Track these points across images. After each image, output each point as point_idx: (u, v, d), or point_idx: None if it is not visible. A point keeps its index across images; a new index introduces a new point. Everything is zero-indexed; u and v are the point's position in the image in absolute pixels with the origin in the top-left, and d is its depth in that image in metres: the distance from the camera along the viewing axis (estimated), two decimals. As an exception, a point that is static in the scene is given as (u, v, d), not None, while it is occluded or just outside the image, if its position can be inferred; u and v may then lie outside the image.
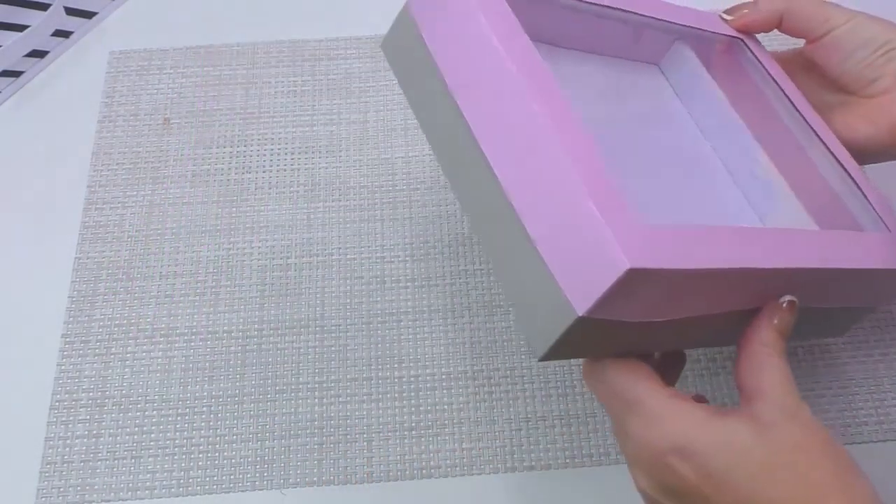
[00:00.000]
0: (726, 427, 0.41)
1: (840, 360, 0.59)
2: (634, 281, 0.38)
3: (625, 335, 0.43)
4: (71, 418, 0.60)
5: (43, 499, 0.57)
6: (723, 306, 0.44)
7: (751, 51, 0.58)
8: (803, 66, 0.59)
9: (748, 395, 0.43)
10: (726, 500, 0.40)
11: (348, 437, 0.59)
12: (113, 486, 0.57)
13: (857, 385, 0.59)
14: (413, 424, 0.59)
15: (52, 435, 0.59)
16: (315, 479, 0.57)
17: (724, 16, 0.59)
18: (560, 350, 0.42)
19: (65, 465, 0.58)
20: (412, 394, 0.60)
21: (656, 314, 0.42)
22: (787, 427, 0.41)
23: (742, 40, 0.58)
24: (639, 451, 0.42)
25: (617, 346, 0.44)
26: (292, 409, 0.60)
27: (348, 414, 0.59)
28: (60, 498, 0.57)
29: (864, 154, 0.56)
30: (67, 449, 0.59)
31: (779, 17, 0.58)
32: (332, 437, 0.59)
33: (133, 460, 0.58)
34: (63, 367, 0.62)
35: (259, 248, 0.66)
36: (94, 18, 0.77)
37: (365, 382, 0.60)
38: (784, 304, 0.45)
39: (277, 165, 0.70)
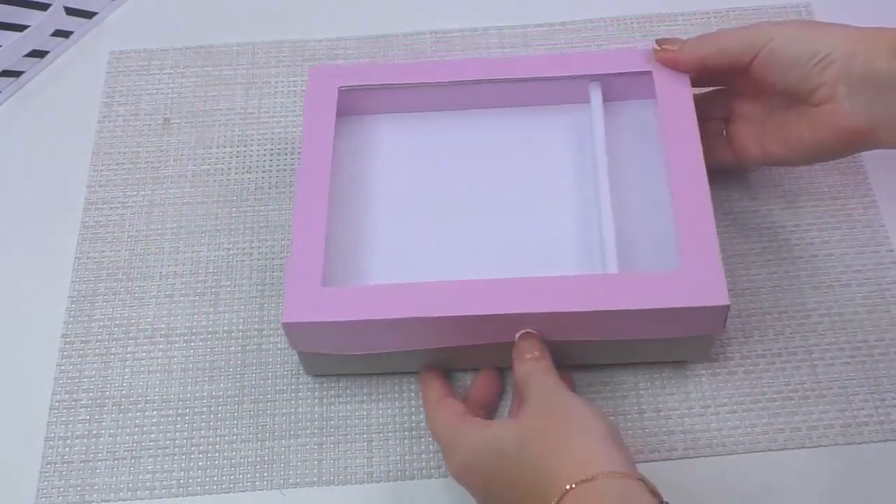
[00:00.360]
0: (484, 434, 0.50)
1: (840, 360, 0.59)
2: (296, 328, 0.54)
3: (367, 360, 0.58)
4: (71, 418, 0.60)
5: (43, 499, 0.57)
6: (444, 342, 0.56)
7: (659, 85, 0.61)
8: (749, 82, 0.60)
9: (519, 402, 0.53)
10: (503, 490, 0.49)
11: (348, 437, 0.59)
12: (113, 486, 0.57)
13: (858, 385, 0.59)
14: (413, 424, 0.59)
15: (52, 435, 0.59)
16: (315, 479, 0.57)
17: (655, 45, 0.61)
18: (320, 369, 0.60)
19: (65, 465, 0.58)
20: (412, 394, 0.60)
21: (353, 349, 0.56)
22: (537, 418, 0.50)
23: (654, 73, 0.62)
24: (451, 475, 0.53)
25: (372, 366, 0.59)
26: (292, 409, 0.60)
27: (348, 414, 0.59)
28: (60, 498, 0.57)
29: (816, 158, 0.60)
30: (67, 449, 0.59)
31: (701, 63, 0.60)
32: (332, 437, 0.59)
33: (133, 460, 0.58)
34: (63, 368, 0.62)
35: (259, 248, 0.66)
36: (94, 18, 0.77)
37: (365, 382, 0.60)
38: (518, 336, 0.55)
39: (277, 165, 0.70)
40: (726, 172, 0.65)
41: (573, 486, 0.44)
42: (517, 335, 0.54)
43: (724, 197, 0.66)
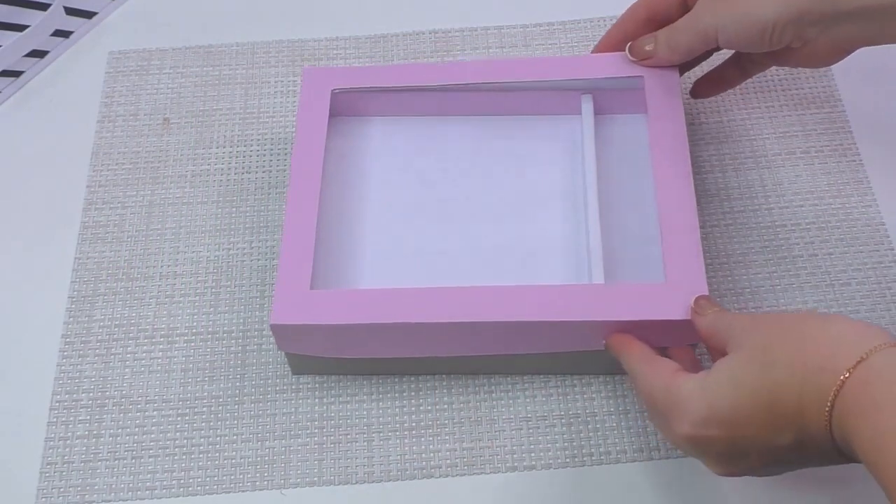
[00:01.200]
0: (715, 374, 0.46)
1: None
2: (283, 330, 0.55)
3: (353, 363, 0.58)
4: (71, 419, 0.60)
5: (43, 499, 0.57)
6: (429, 349, 0.57)
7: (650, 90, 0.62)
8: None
9: (721, 354, 0.48)
10: (756, 427, 0.44)
11: (348, 437, 0.59)
12: (113, 486, 0.57)
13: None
14: (413, 424, 0.59)
15: (53, 435, 0.59)
16: (315, 479, 0.57)
17: (628, 54, 0.62)
18: (305, 368, 0.60)
19: (65, 465, 0.58)
20: (412, 394, 0.60)
21: (340, 352, 0.57)
22: (755, 334, 0.46)
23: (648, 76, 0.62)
24: (678, 440, 0.47)
25: (358, 369, 0.59)
26: (292, 409, 0.60)
27: (348, 414, 0.59)
28: (61, 498, 0.57)
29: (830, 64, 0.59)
30: (68, 449, 0.59)
31: (677, 60, 0.61)
32: (332, 437, 0.59)
33: (133, 460, 0.58)
34: (63, 368, 0.62)
35: (259, 248, 0.66)
36: (94, 18, 0.77)
37: (365, 382, 0.60)
38: (693, 300, 0.52)
39: (277, 165, 0.70)
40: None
41: (849, 372, 0.40)
42: (693, 299, 0.52)
43: (724, 196, 0.66)
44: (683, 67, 0.64)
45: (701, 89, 0.65)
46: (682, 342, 0.55)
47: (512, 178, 0.63)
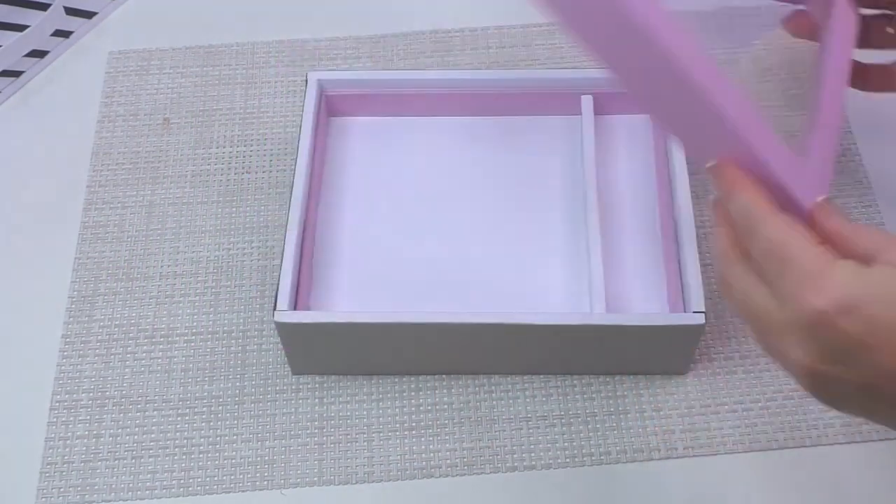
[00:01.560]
0: (878, 273, 0.40)
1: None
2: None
3: (357, 363, 0.58)
4: (71, 418, 0.60)
5: (43, 499, 0.57)
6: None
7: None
8: None
9: (873, 253, 0.41)
10: (892, 351, 0.38)
11: (348, 437, 0.59)
12: (113, 486, 0.57)
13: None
14: (413, 424, 0.59)
15: (53, 435, 0.59)
16: (315, 479, 0.57)
17: None
18: (306, 368, 0.59)
19: (65, 465, 0.58)
20: (412, 394, 0.60)
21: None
22: None
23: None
24: (797, 315, 0.40)
25: (362, 368, 0.59)
26: (292, 409, 0.60)
27: (348, 414, 0.59)
28: (61, 498, 0.57)
29: None
30: (68, 449, 0.59)
31: None
32: (332, 437, 0.59)
33: (133, 460, 0.58)
34: (63, 368, 0.62)
35: (259, 248, 0.66)
36: (94, 18, 0.77)
37: (365, 382, 0.60)
38: (819, 201, 0.45)
39: (277, 165, 0.70)
40: None
41: None
42: (823, 199, 0.45)
43: (724, 196, 0.66)
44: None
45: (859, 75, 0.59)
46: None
47: (511, 178, 0.63)
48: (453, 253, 0.61)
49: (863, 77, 0.59)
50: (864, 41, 0.58)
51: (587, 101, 0.64)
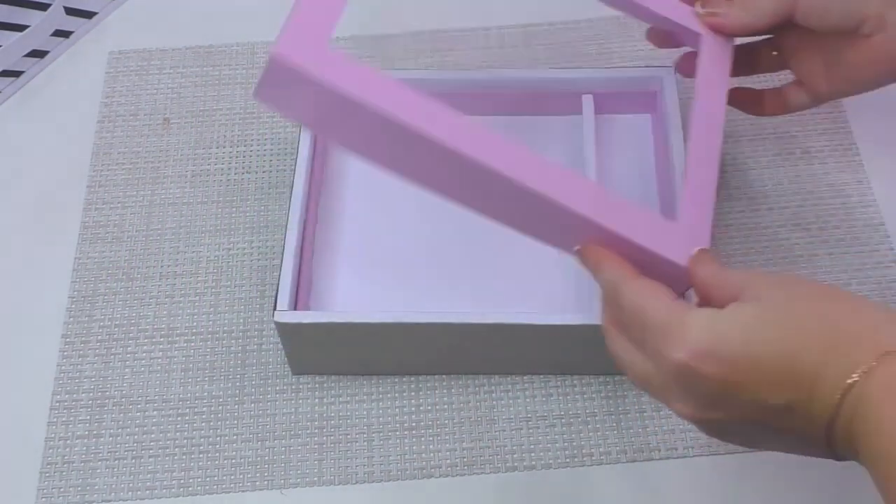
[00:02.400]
0: (729, 314, 0.42)
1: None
2: (281, 74, 0.45)
3: (357, 363, 0.57)
4: (71, 418, 0.60)
5: (43, 499, 0.57)
6: (410, 174, 0.49)
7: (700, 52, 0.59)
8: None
9: (729, 299, 0.43)
10: (757, 377, 0.40)
11: (348, 437, 0.59)
12: (113, 486, 0.57)
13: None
14: (413, 424, 0.59)
15: (53, 435, 0.59)
16: (315, 479, 0.57)
17: (698, 8, 0.58)
18: (306, 368, 0.59)
19: (65, 465, 0.58)
20: (412, 394, 0.60)
21: (323, 129, 0.48)
22: (777, 290, 0.42)
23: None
24: (665, 371, 0.43)
25: (362, 368, 0.58)
26: (292, 409, 0.60)
27: (348, 414, 0.59)
28: (61, 498, 0.57)
29: (882, 85, 0.57)
30: (68, 449, 0.59)
31: (747, 30, 0.57)
32: (332, 437, 0.59)
33: (133, 460, 0.58)
34: (63, 368, 0.62)
35: (259, 248, 0.66)
36: (94, 18, 0.77)
37: (365, 382, 0.60)
38: (693, 252, 0.48)
39: (277, 165, 0.70)
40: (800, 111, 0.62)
41: (889, 354, 0.38)
42: (697, 250, 0.48)
43: (724, 196, 0.66)
44: (741, 70, 0.60)
45: (735, 97, 0.61)
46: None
47: None
48: (453, 252, 0.61)
49: (757, 103, 0.61)
50: (752, 67, 0.61)
51: (587, 101, 0.64)
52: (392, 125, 0.45)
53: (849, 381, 0.38)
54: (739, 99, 0.61)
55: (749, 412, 0.41)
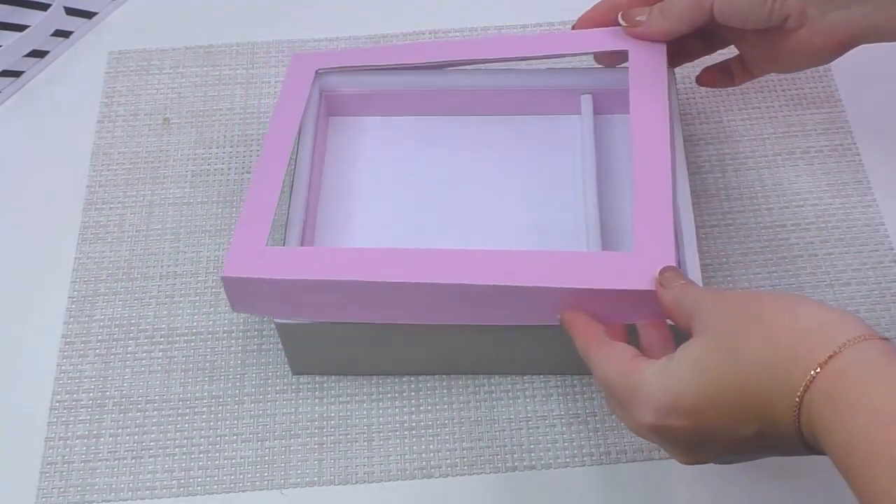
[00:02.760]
0: (678, 361, 0.43)
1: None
2: (235, 284, 0.53)
3: (357, 363, 0.59)
4: (71, 418, 0.60)
5: (43, 499, 0.57)
6: (376, 316, 0.54)
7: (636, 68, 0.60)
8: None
9: (686, 330, 0.46)
10: (720, 417, 0.42)
11: (348, 436, 0.59)
12: (113, 486, 0.57)
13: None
14: (413, 424, 0.59)
15: (53, 435, 0.59)
16: (315, 479, 0.57)
17: (620, 21, 0.60)
18: (306, 368, 0.60)
19: (65, 465, 0.58)
20: (412, 394, 0.60)
21: (286, 312, 0.54)
22: (720, 317, 0.43)
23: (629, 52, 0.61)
24: (640, 431, 0.45)
25: (362, 368, 0.59)
26: (292, 409, 0.60)
27: (348, 414, 0.59)
28: (61, 498, 0.57)
29: (816, 65, 0.58)
30: (68, 449, 0.59)
31: (670, 34, 0.59)
32: (332, 437, 0.59)
33: (134, 460, 0.58)
34: (63, 368, 0.62)
35: (259, 248, 0.66)
36: (94, 18, 0.77)
37: (365, 382, 0.60)
38: (659, 271, 0.49)
39: (277, 165, 0.70)
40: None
41: (819, 367, 0.38)
42: (658, 271, 0.49)
43: (724, 196, 0.66)
44: (679, 58, 0.62)
45: (706, 77, 0.64)
46: (648, 317, 0.51)
47: (510, 178, 0.63)
48: (445, 240, 0.60)
49: (727, 75, 0.63)
50: (707, 46, 0.63)
51: (587, 101, 0.64)
52: (345, 284, 0.52)
53: (796, 398, 0.39)
54: (710, 78, 0.64)
55: (731, 444, 0.43)
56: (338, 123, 0.65)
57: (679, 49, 0.62)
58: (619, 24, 0.60)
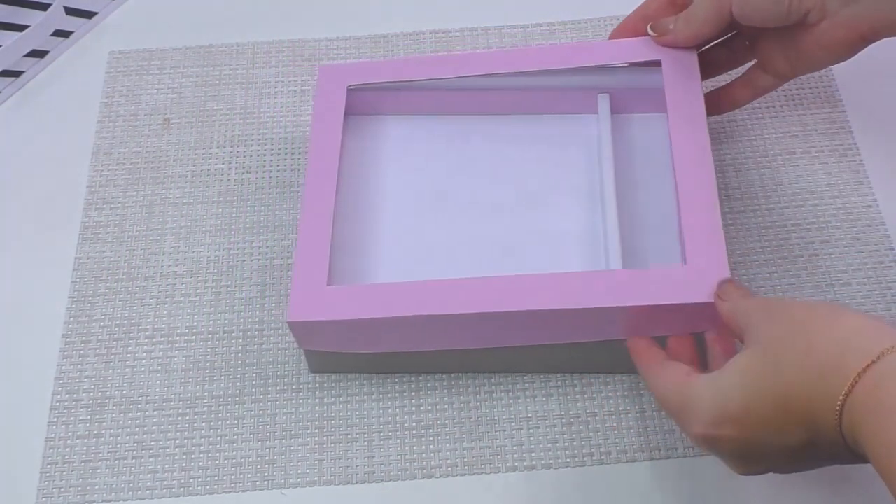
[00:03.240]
0: (727, 373, 0.45)
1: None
2: (300, 327, 0.55)
3: (373, 360, 0.58)
4: (72, 418, 0.60)
5: (44, 499, 0.57)
6: (444, 344, 0.56)
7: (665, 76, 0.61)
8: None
9: (741, 340, 0.48)
10: (767, 427, 0.43)
11: (348, 436, 0.59)
12: (114, 486, 0.57)
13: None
14: (413, 424, 0.59)
15: (53, 435, 0.59)
16: (315, 479, 0.57)
17: (649, 31, 0.61)
18: (324, 367, 0.60)
19: (65, 465, 0.58)
20: (412, 394, 0.60)
21: (359, 348, 0.57)
22: (768, 327, 0.45)
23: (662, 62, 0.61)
24: (695, 442, 0.47)
25: (377, 366, 0.60)
26: (292, 409, 0.60)
27: (348, 414, 0.59)
28: (61, 498, 0.57)
29: (839, 61, 0.58)
30: (68, 449, 0.59)
31: (697, 38, 0.60)
32: (332, 437, 0.59)
33: (134, 460, 0.58)
34: (63, 368, 0.62)
35: (259, 248, 0.66)
36: (94, 18, 0.77)
37: (365, 382, 0.60)
38: (718, 283, 0.52)
39: (277, 165, 0.70)
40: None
41: (859, 376, 0.39)
42: (717, 283, 0.51)
43: (724, 196, 0.66)
44: (706, 71, 0.63)
45: (708, 105, 0.64)
46: (707, 327, 0.53)
47: (528, 178, 0.63)
48: (467, 253, 0.60)
49: (729, 100, 0.64)
50: (717, 67, 0.64)
51: (604, 100, 0.63)
52: (413, 319, 0.54)
53: (836, 407, 0.40)
54: (709, 105, 0.63)
55: (781, 454, 0.44)
56: (355, 122, 0.65)
57: (705, 61, 0.62)
58: (649, 34, 0.61)
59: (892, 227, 0.65)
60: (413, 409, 0.59)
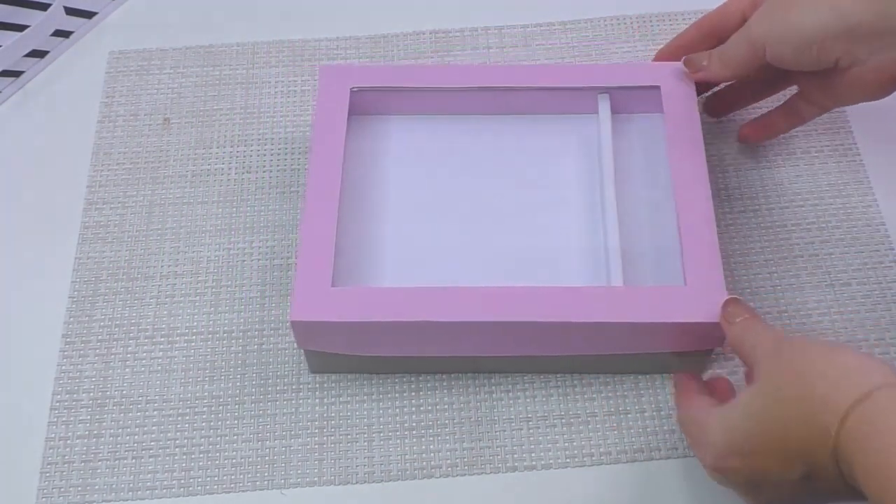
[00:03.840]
0: (737, 406, 0.47)
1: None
2: (302, 327, 0.54)
3: (372, 362, 0.58)
4: (72, 418, 0.60)
5: (44, 499, 0.57)
6: (444, 350, 0.57)
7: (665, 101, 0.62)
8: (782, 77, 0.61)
9: (752, 365, 0.49)
10: (769, 460, 0.45)
11: (348, 436, 0.59)
12: (114, 486, 0.57)
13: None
14: (413, 424, 0.59)
15: (53, 435, 0.59)
16: (315, 479, 0.57)
17: (683, 67, 0.62)
18: (323, 367, 0.60)
19: (65, 465, 0.58)
20: (412, 394, 0.60)
21: (359, 350, 0.57)
22: (772, 362, 0.46)
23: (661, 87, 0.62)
24: (709, 474, 0.49)
25: (376, 367, 0.59)
26: (292, 409, 0.60)
27: (348, 414, 0.59)
28: (61, 498, 0.57)
29: (875, 98, 0.58)
30: (68, 449, 0.59)
31: (731, 77, 0.61)
32: (332, 437, 0.59)
33: (134, 460, 0.58)
34: (63, 368, 0.62)
35: (259, 248, 0.66)
36: (94, 18, 0.77)
37: (365, 382, 0.60)
38: (723, 304, 0.53)
39: (277, 165, 0.70)
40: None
41: (850, 410, 0.41)
42: (723, 302, 0.53)
43: (724, 196, 0.66)
44: (746, 99, 0.64)
45: (750, 132, 0.66)
46: (704, 346, 0.56)
47: (529, 178, 0.63)
48: (470, 258, 0.60)
49: (775, 126, 0.65)
50: (758, 94, 0.66)
51: (604, 100, 0.63)
52: (417, 325, 0.54)
53: (830, 443, 0.41)
54: (757, 132, 0.66)
55: (787, 488, 0.45)
56: (356, 122, 0.65)
57: (746, 89, 0.64)
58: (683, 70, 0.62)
59: (892, 227, 0.65)
60: (413, 409, 0.59)
